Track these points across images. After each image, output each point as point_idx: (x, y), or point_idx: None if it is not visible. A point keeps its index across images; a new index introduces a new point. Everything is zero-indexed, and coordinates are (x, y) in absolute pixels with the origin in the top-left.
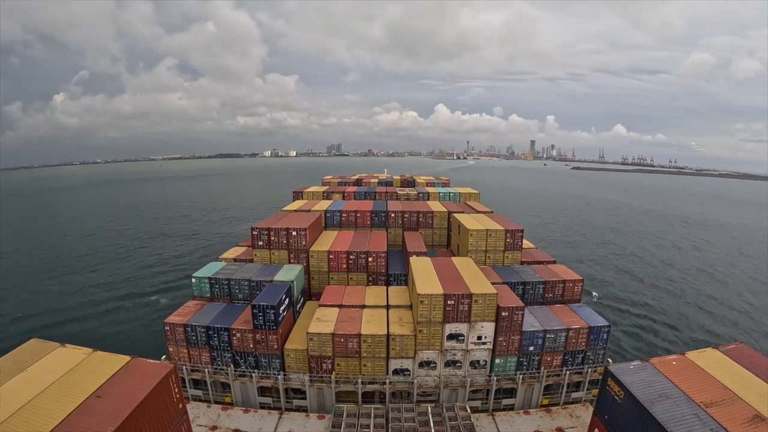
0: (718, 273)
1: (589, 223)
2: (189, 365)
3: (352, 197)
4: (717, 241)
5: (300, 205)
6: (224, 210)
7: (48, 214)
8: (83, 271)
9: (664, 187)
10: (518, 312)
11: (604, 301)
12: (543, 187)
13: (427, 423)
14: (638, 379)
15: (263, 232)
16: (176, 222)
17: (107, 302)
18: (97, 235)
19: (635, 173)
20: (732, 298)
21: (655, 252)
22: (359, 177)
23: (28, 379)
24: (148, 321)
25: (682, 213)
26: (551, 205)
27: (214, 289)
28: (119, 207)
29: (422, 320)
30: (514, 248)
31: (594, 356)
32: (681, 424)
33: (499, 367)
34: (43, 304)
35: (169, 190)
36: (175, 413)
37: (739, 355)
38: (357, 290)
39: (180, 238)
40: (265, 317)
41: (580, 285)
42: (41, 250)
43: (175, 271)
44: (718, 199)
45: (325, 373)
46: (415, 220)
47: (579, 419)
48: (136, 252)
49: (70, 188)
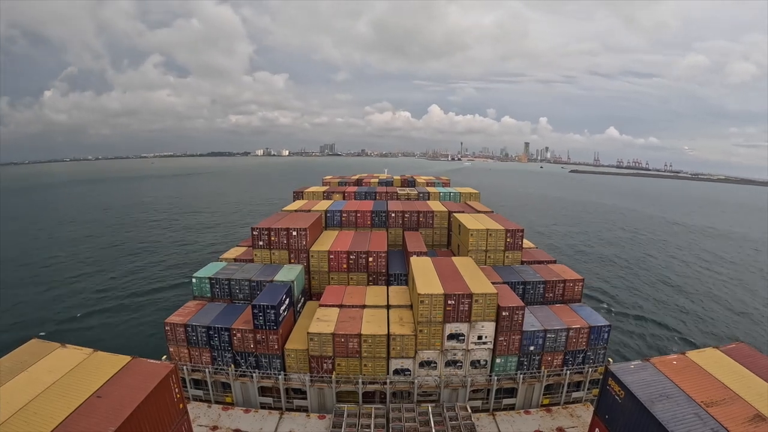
0: (718, 273)
1: (590, 224)
2: (189, 365)
3: (353, 197)
4: (721, 245)
5: (300, 205)
6: (211, 212)
7: (45, 211)
8: (83, 271)
9: (666, 191)
10: (519, 312)
11: (605, 301)
12: (547, 191)
13: (427, 423)
14: (639, 378)
15: (263, 232)
16: (176, 222)
17: (108, 302)
18: (96, 236)
19: (633, 177)
20: (732, 298)
21: (656, 253)
22: (359, 177)
23: (28, 379)
24: (148, 321)
25: (699, 223)
26: (564, 211)
27: (215, 289)
28: (115, 206)
29: (423, 320)
30: (515, 248)
31: (594, 356)
32: (681, 423)
33: (499, 366)
34: (43, 304)
35: (165, 189)
36: (175, 413)
37: (740, 355)
38: (357, 290)
39: (180, 238)
40: (265, 317)
41: (581, 285)
42: (40, 249)
43: (175, 271)
44: (726, 205)
45: (325, 373)
46: (415, 220)
47: (580, 419)
48: (136, 252)
49: (59, 185)
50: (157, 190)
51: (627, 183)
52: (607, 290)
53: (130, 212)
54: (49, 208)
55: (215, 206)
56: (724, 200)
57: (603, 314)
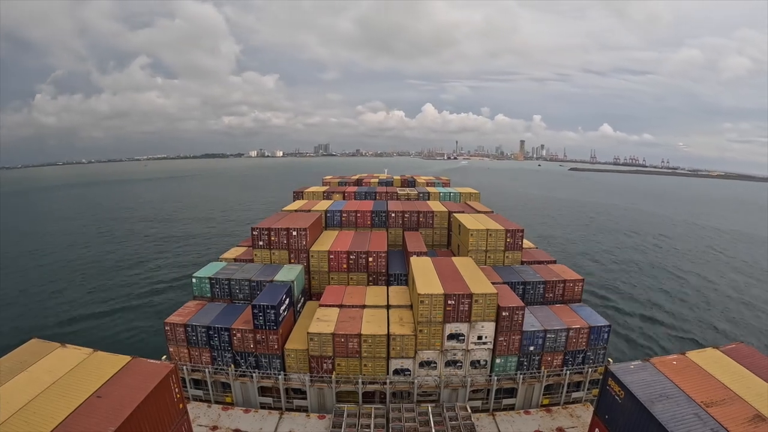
0: (718, 273)
1: (593, 227)
2: (189, 365)
3: (353, 197)
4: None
5: (300, 205)
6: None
7: (43, 212)
8: (83, 271)
9: (673, 189)
10: (518, 312)
11: (605, 301)
12: (551, 192)
13: (427, 423)
14: (639, 378)
15: (263, 232)
16: (176, 222)
17: (108, 302)
18: (96, 236)
19: (633, 174)
20: (732, 298)
21: (657, 254)
22: (359, 177)
23: (28, 379)
24: (148, 321)
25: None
26: (576, 216)
27: (215, 289)
28: (114, 207)
29: (423, 320)
30: (515, 248)
31: (594, 356)
32: (681, 423)
33: (499, 366)
34: (43, 304)
35: (161, 190)
36: (175, 413)
37: (740, 355)
38: (357, 290)
39: (179, 239)
40: (265, 317)
41: (581, 285)
42: (40, 250)
43: (175, 271)
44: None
45: (325, 373)
46: (415, 220)
47: (579, 419)
48: (136, 252)
49: (53, 188)
50: (151, 192)
51: (628, 180)
52: (608, 290)
53: (130, 212)
54: (46, 210)
55: (209, 209)
56: (733, 197)
57: (599, 309)
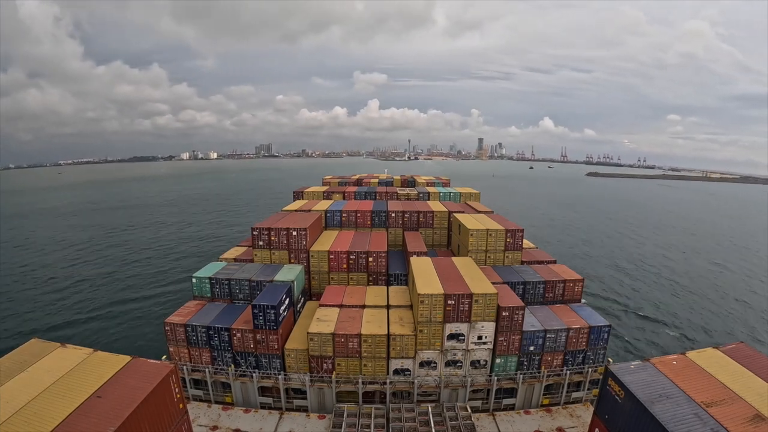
0: (718, 273)
1: (596, 227)
2: (189, 365)
3: (353, 197)
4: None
5: (300, 205)
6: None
7: (42, 213)
8: (84, 272)
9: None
10: (518, 312)
11: (605, 301)
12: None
13: (427, 423)
14: (639, 378)
15: (263, 232)
16: (175, 222)
17: (108, 302)
18: (96, 237)
19: (664, 180)
20: (732, 298)
21: (658, 254)
22: (359, 177)
23: (28, 379)
24: (148, 321)
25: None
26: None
27: (215, 289)
28: (111, 208)
29: (423, 320)
30: (515, 248)
31: (594, 356)
32: (681, 423)
33: (499, 366)
34: (43, 305)
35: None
36: (175, 413)
37: (740, 355)
38: (357, 290)
39: (180, 238)
40: (265, 317)
41: (581, 285)
42: (39, 251)
43: (175, 271)
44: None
45: (325, 373)
46: (415, 220)
47: (579, 419)
48: (136, 252)
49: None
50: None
51: (688, 192)
52: (607, 290)
53: (127, 213)
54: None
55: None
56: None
57: (599, 309)
